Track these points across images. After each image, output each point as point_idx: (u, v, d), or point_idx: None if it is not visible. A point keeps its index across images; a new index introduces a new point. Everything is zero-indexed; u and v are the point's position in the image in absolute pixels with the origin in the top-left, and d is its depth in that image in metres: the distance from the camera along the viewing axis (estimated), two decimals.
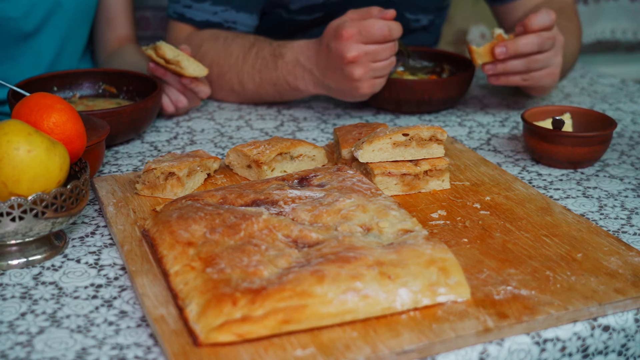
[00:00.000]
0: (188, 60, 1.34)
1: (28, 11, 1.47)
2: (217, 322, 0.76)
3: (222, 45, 1.49)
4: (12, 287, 0.88)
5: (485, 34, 2.78)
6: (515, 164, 1.25)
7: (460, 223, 1.01)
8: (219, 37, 1.51)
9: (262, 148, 1.14)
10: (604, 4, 2.89)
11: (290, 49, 1.41)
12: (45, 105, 0.94)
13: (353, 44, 1.29)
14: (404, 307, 0.81)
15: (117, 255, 0.95)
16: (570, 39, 1.53)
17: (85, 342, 0.79)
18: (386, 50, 1.32)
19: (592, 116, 1.28)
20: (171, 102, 1.40)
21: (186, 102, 1.41)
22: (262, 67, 1.44)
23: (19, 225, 0.87)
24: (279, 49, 1.42)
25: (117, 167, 1.22)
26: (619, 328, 0.85)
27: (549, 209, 1.05)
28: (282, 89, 1.44)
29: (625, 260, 0.92)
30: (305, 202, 0.95)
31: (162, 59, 1.34)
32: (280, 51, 1.42)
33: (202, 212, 0.92)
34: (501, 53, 1.32)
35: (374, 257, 0.82)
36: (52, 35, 1.53)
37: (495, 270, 0.90)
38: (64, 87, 1.40)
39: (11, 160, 0.86)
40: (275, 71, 1.42)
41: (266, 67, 1.43)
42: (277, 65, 1.42)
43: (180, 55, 1.34)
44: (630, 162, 1.26)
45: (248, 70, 1.45)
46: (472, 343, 0.79)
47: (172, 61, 1.34)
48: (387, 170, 1.08)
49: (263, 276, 0.81)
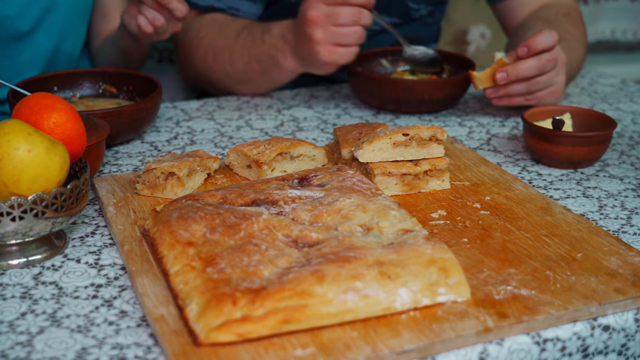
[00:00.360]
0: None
1: (24, 10, 1.47)
2: (217, 321, 0.76)
3: (218, 29, 1.50)
4: (12, 287, 0.88)
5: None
6: (515, 164, 1.25)
7: (460, 223, 1.01)
8: (217, 21, 1.52)
9: (262, 148, 1.14)
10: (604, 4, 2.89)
11: (279, 24, 1.42)
12: (46, 105, 0.94)
13: (315, 3, 1.29)
14: (404, 307, 0.81)
15: (117, 255, 0.96)
16: (576, 45, 1.54)
17: (86, 342, 0.79)
18: (347, 13, 1.29)
19: (592, 116, 1.28)
20: (148, 21, 1.38)
21: (164, 21, 1.38)
22: (250, 45, 1.45)
23: (19, 225, 0.87)
24: (269, 26, 1.44)
25: (117, 167, 1.22)
26: (619, 328, 0.85)
27: (549, 209, 1.05)
28: (266, 65, 1.45)
29: (625, 260, 0.92)
30: (305, 202, 0.95)
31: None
32: (269, 27, 1.44)
33: (202, 212, 0.92)
34: (502, 79, 1.33)
35: (374, 257, 0.82)
36: (48, 34, 1.53)
37: (495, 270, 0.90)
38: (64, 87, 1.40)
39: (11, 160, 0.86)
40: (262, 45, 1.43)
41: (254, 43, 1.44)
42: (264, 39, 1.42)
43: None
44: (630, 162, 1.26)
45: (238, 49, 1.46)
46: (472, 343, 0.79)
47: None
48: (387, 170, 1.08)
49: (263, 276, 0.81)
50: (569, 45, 1.51)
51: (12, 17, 1.46)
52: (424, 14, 1.74)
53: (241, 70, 1.49)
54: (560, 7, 1.64)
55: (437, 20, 1.81)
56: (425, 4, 1.72)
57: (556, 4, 1.66)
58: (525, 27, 1.59)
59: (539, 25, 1.55)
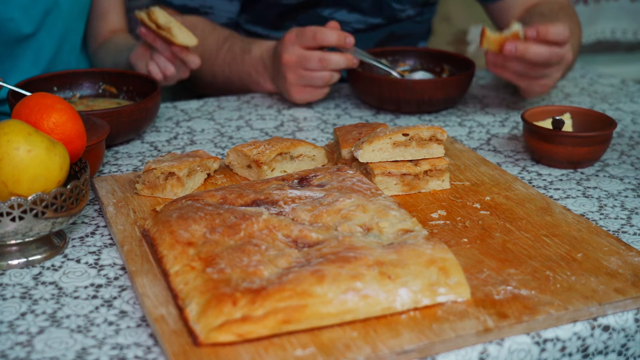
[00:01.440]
0: (179, 28, 1.33)
1: (25, 12, 1.47)
2: (217, 322, 0.76)
3: (200, 37, 1.52)
4: (12, 287, 0.88)
5: None
6: (515, 164, 1.25)
7: (460, 223, 1.01)
8: (197, 27, 1.56)
9: (262, 148, 1.14)
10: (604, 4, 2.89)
11: (258, 46, 1.49)
12: (46, 105, 0.94)
13: (290, 46, 1.38)
14: (404, 307, 0.81)
15: (117, 255, 0.96)
16: (573, 40, 1.53)
17: (85, 342, 0.79)
18: (315, 60, 1.38)
19: (592, 116, 1.28)
20: (159, 69, 1.39)
21: (174, 71, 1.40)
22: (231, 61, 1.53)
23: (19, 225, 0.87)
24: (248, 45, 1.50)
25: (117, 167, 1.22)
26: (619, 328, 0.85)
27: (549, 209, 1.05)
28: (247, 82, 1.54)
29: (625, 260, 0.92)
30: (305, 202, 0.95)
31: (154, 23, 1.33)
32: (249, 47, 1.50)
33: (202, 212, 0.92)
34: (510, 51, 1.29)
35: (374, 257, 0.82)
36: (50, 34, 1.53)
37: (495, 270, 0.90)
38: (64, 87, 1.40)
39: (11, 160, 0.86)
40: (242, 65, 1.51)
41: (234, 61, 1.52)
42: (244, 60, 1.50)
43: (172, 22, 1.33)
44: (630, 162, 1.26)
45: (220, 63, 1.55)
46: (472, 343, 0.79)
47: (163, 27, 1.33)
48: (387, 170, 1.08)
49: (263, 276, 0.81)
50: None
51: (15, 19, 1.46)
52: (412, 14, 1.75)
53: (222, 81, 1.58)
54: (554, 3, 1.63)
55: (426, 19, 1.82)
56: (410, 4, 1.72)
57: (548, 1, 1.65)
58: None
59: (534, 20, 1.55)
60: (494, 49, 1.33)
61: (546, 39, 1.29)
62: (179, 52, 1.37)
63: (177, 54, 1.37)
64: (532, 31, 1.29)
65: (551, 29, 1.28)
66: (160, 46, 1.37)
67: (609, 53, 2.99)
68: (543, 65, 1.33)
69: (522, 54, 1.30)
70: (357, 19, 1.69)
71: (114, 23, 1.65)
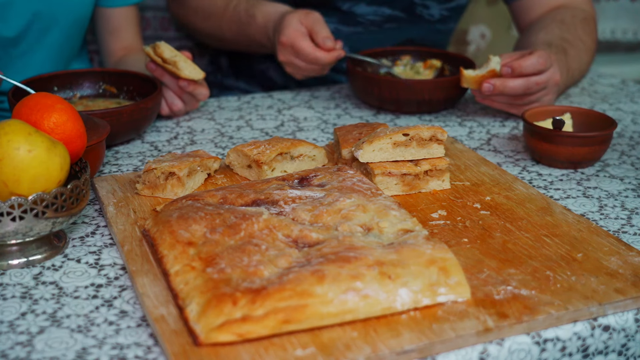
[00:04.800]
0: (185, 62, 1.34)
1: (25, 30, 1.46)
2: (218, 321, 0.76)
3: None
4: (13, 287, 0.88)
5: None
6: (516, 164, 1.25)
7: (461, 223, 1.01)
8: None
9: (262, 148, 1.14)
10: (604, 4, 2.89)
11: (260, 13, 1.56)
12: (46, 105, 0.94)
13: (283, 49, 1.47)
14: (404, 307, 0.81)
15: (117, 255, 0.96)
16: (585, 55, 1.54)
17: (86, 342, 0.79)
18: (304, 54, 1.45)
19: (592, 116, 1.28)
20: (166, 104, 1.40)
21: (182, 106, 1.40)
22: (238, 22, 1.61)
23: (19, 225, 0.87)
24: (251, 9, 1.59)
25: (118, 167, 1.22)
26: (619, 328, 0.85)
27: (549, 209, 1.05)
28: (255, 43, 1.62)
29: (625, 260, 0.92)
30: (306, 202, 0.95)
31: (160, 57, 1.33)
32: (252, 12, 1.58)
33: (202, 212, 0.92)
34: (488, 90, 1.33)
35: (374, 257, 0.82)
36: (49, 50, 1.52)
37: (495, 270, 0.90)
38: (64, 87, 1.40)
39: (12, 160, 0.86)
40: (249, 28, 1.59)
41: (241, 22, 1.61)
42: (250, 24, 1.59)
43: (177, 56, 1.33)
44: (630, 162, 1.26)
45: (227, 21, 1.64)
46: (472, 343, 0.79)
47: (169, 61, 1.33)
48: (388, 170, 1.08)
49: (263, 276, 0.81)
50: (578, 53, 1.50)
51: (13, 37, 1.45)
52: (436, 16, 1.72)
53: (230, 38, 1.66)
54: (579, 11, 1.62)
55: (449, 29, 1.79)
56: (436, 2, 1.70)
57: (575, 7, 1.64)
58: (538, 27, 1.57)
59: (552, 26, 1.54)
60: (474, 87, 1.37)
61: (521, 74, 1.32)
62: (187, 87, 1.36)
63: (185, 88, 1.36)
64: (506, 69, 1.32)
65: (524, 63, 1.31)
66: (168, 81, 1.37)
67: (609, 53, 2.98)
68: (527, 95, 1.35)
69: (500, 91, 1.33)
70: (374, 10, 1.68)
71: (127, 40, 1.64)
